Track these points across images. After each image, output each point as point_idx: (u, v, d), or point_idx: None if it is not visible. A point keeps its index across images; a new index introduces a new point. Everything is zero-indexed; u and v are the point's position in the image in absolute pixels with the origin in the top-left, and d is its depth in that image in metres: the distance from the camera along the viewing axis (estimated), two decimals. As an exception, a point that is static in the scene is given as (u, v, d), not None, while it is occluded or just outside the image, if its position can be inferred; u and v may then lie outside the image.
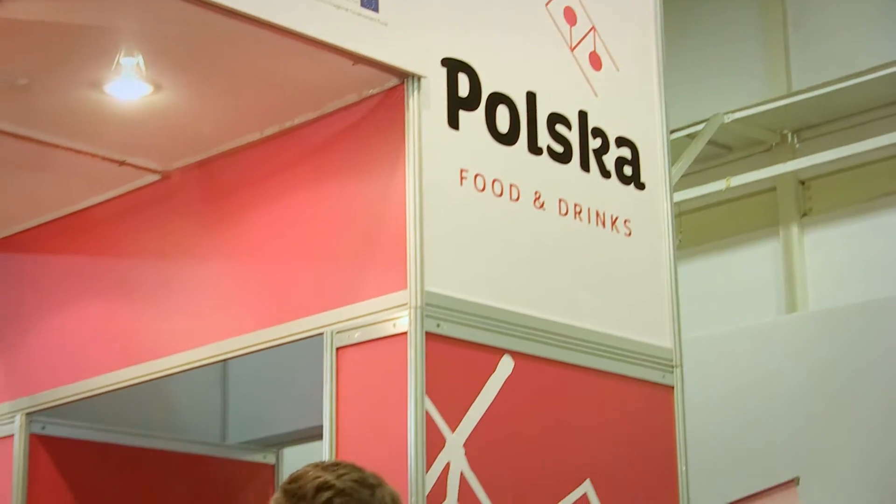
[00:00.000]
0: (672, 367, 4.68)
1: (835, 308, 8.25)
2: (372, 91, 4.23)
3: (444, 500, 3.93)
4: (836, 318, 8.14)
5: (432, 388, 3.98)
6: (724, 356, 8.67)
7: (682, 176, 9.32)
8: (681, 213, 8.05)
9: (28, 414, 5.20)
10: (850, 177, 8.83)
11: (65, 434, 5.29)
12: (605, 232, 4.62)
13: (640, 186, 4.78)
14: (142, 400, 5.27)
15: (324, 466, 2.31)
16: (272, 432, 5.79)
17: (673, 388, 4.66)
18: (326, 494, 2.20)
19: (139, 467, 5.50)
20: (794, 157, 9.59)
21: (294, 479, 2.31)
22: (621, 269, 4.68)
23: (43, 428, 5.22)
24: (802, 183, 9.80)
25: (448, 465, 3.99)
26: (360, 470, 2.31)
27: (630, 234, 4.69)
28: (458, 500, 3.98)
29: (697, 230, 9.95)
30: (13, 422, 5.20)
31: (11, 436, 5.19)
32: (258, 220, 4.61)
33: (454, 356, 4.09)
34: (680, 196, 8.26)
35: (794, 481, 4.52)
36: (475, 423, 4.09)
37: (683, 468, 4.62)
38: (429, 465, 3.93)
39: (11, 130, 4.56)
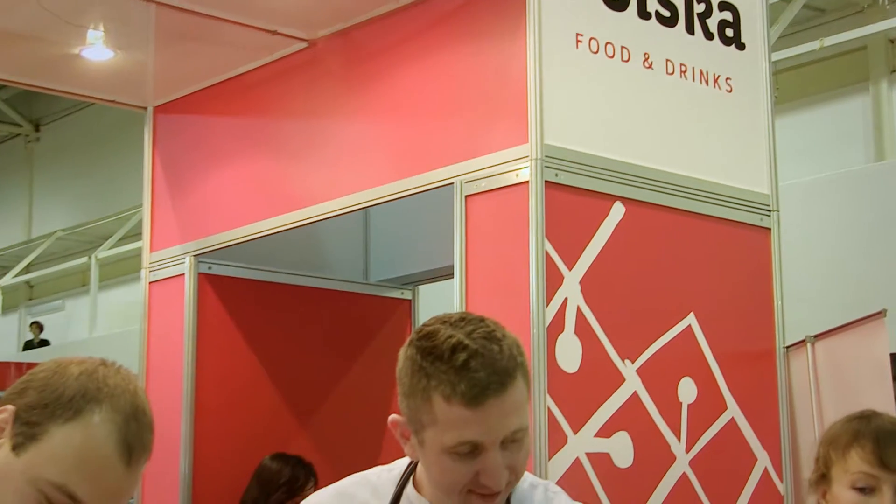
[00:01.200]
0: (769, 211, 4.63)
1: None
2: (497, -36, 4.19)
3: (562, 331, 3.95)
4: (921, 164, 8.03)
5: (551, 231, 3.99)
6: (817, 201, 8.57)
7: (779, 37, 9.19)
8: (778, 72, 7.93)
9: (196, 256, 5.30)
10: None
11: (228, 273, 5.39)
12: (709, 89, 4.56)
13: (741, 47, 4.70)
14: (295, 243, 5.33)
15: (452, 323, 2.22)
16: (409, 271, 5.84)
17: (770, 230, 4.62)
18: (462, 356, 2.14)
19: (292, 303, 5.58)
20: (884, 18, 9.42)
21: (427, 335, 2.22)
22: (723, 122, 4.61)
23: (209, 268, 5.33)
24: (892, 42, 9.65)
25: (566, 300, 4.01)
26: (485, 323, 2.24)
27: (731, 90, 4.61)
28: (575, 331, 4.01)
29: (793, 87, 9.85)
30: (184, 262, 5.31)
31: (182, 275, 5.30)
32: (395, 82, 4.62)
33: (571, 203, 4.08)
34: (777, 56, 8.12)
35: (881, 313, 4.46)
36: (590, 263, 4.10)
37: (779, 303, 4.60)
38: (549, 300, 3.96)
39: (176, 4, 4.60)
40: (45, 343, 15.27)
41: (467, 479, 2.19)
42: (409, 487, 2.38)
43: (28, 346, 15.61)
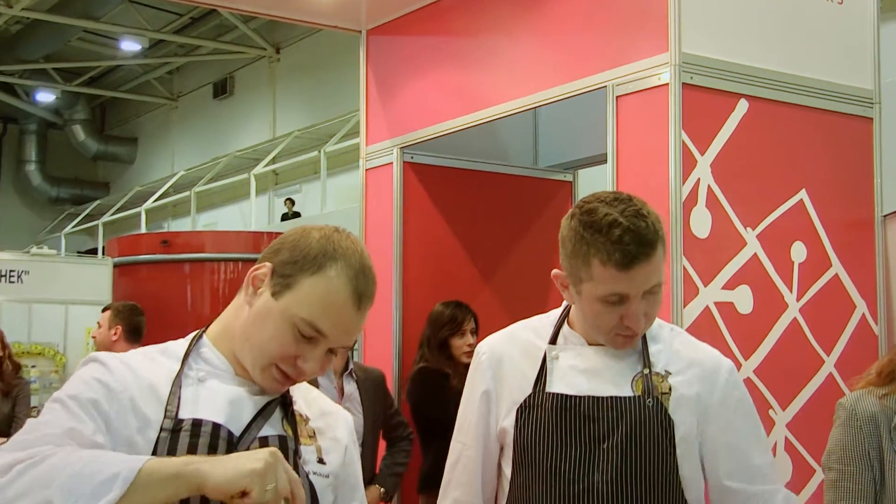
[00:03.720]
0: (872, 103, 4.46)
1: None
2: None
3: (695, 205, 3.92)
4: None
5: (687, 124, 3.93)
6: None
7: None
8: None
9: (401, 148, 5.32)
10: None
11: (426, 161, 5.41)
12: (822, 1, 4.39)
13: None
14: (478, 136, 5.30)
15: (608, 202, 2.25)
16: (570, 158, 5.79)
17: (872, 119, 4.45)
18: (617, 231, 2.20)
19: (476, 185, 5.60)
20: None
21: (588, 212, 2.26)
22: (834, 28, 4.41)
23: (412, 157, 5.35)
24: None
25: (699, 179, 3.96)
26: (633, 202, 2.27)
27: (842, 2, 4.41)
28: (706, 204, 3.97)
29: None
30: (392, 153, 5.34)
31: (391, 163, 5.34)
32: (556, 2, 4.52)
33: (703, 100, 4.00)
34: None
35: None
36: (719, 149, 4.03)
37: (878, 180, 4.45)
38: (684, 179, 3.91)
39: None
40: (297, 215, 15.62)
41: (614, 321, 2.28)
42: (566, 326, 2.44)
43: (284, 217, 16.02)
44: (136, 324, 5.78)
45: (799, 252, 4.22)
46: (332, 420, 2.07)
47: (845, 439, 2.72)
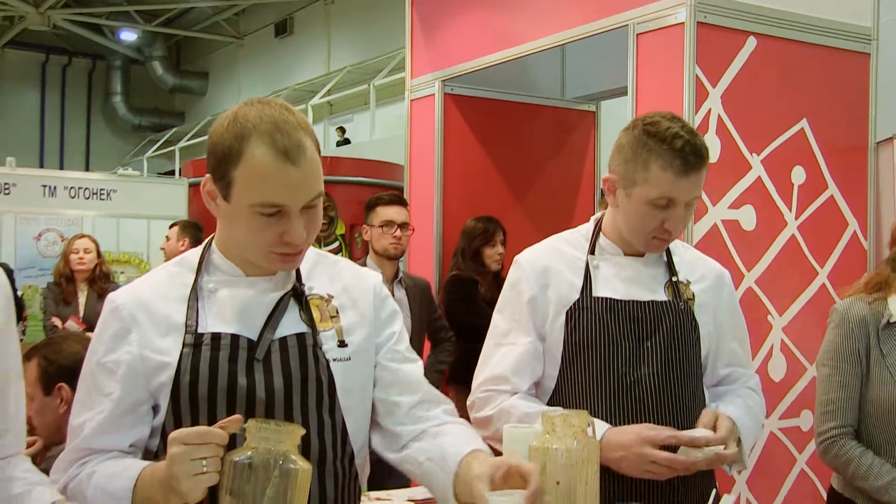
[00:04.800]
0: (870, 39, 4.34)
1: None
2: None
3: (706, 132, 3.86)
4: None
5: (700, 59, 3.86)
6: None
7: None
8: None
9: (442, 81, 5.27)
10: None
11: (464, 93, 5.35)
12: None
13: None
14: (511, 70, 5.22)
15: (669, 118, 2.28)
16: (594, 90, 5.70)
17: (870, 55, 4.34)
18: (679, 142, 2.22)
19: (509, 114, 5.54)
20: None
21: (652, 123, 2.28)
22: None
23: (451, 89, 5.30)
24: None
25: (710, 109, 3.91)
26: (685, 122, 2.31)
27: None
28: (716, 132, 3.91)
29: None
30: (433, 86, 5.29)
31: (433, 94, 5.30)
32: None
33: (715, 37, 3.92)
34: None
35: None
36: (728, 82, 3.96)
37: (873, 110, 4.37)
38: (697, 109, 3.87)
39: None
40: (347, 142, 15.57)
41: (655, 224, 2.29)
42: (602, 238, 2.44)
43: (338, 144, 15.98)
44: (199, 238, 5.87)
45: (798, 175, 4.16)
46: (356, 292, 1.96)
47: (838, 339, 2.75)
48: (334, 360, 1.85)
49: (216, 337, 1.80)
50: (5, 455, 1.79)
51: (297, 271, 1.90)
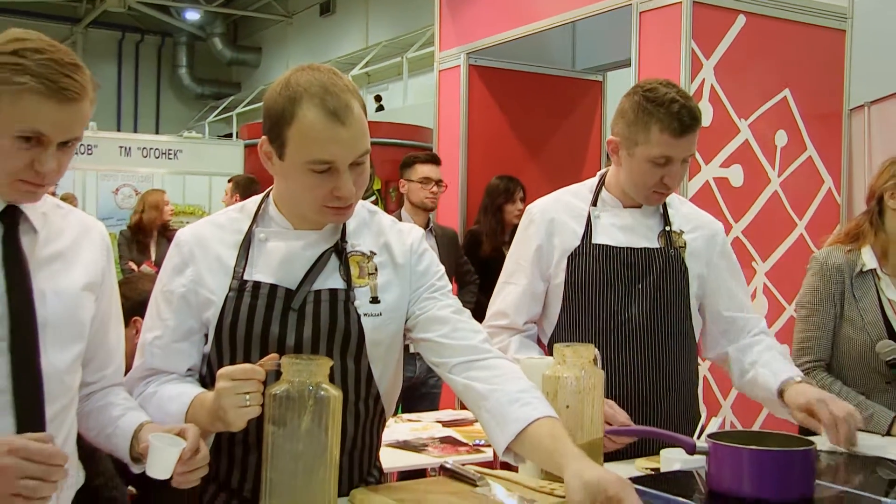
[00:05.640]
0: (846, 17, 4.25)
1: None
2: None
3: (700, 99, 3.82)
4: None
5: (696, 34, 3.82)
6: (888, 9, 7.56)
7: None
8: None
9: (467, 53, 5.21)
10: None
11: (486, 64, 5.28)
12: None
13: None
14: (526, 43, 5.13)
15: (664, 84, 2.24)
16: (601, 62, 5.61)
17: (845, 31, 4.26)
18: (676, 106, 2.19)
19: (525, 83, 5.46)
20: None
21: (650, 90, 2.23)
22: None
23: (475, 61, 5.24)
24: None
25: (703, 79, 3.87)
26: (680, 87, 2.27)
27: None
28: (709, 99, 3.88)
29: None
30: (459, 58, 5.23)
31: (458, 66, 5.23)
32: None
33: (710, 15, 3.86)
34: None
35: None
36: (721, 55, 3.91)
37: (848, 82, 4.29)
38: (692, 79, 3.82)
39: None
40: (382, 108, 15.48)
41: (655, 180, 2.26)
42: (604, 191, 2.41)
43: (375, 111, 15.89)
44: (251, 192, 5.87)
45: (781, 138, 4.11)
46: (397, 250, 1.87)
47: (818, 284, 2.72)
48: (365, 314, 1.79)
49: (257, 286, 1.76)
50: (107, 385, 1.82)
51: (344, 229, 1.84)
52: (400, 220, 2.05)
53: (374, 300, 1.81)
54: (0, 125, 1.52)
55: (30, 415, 1.61)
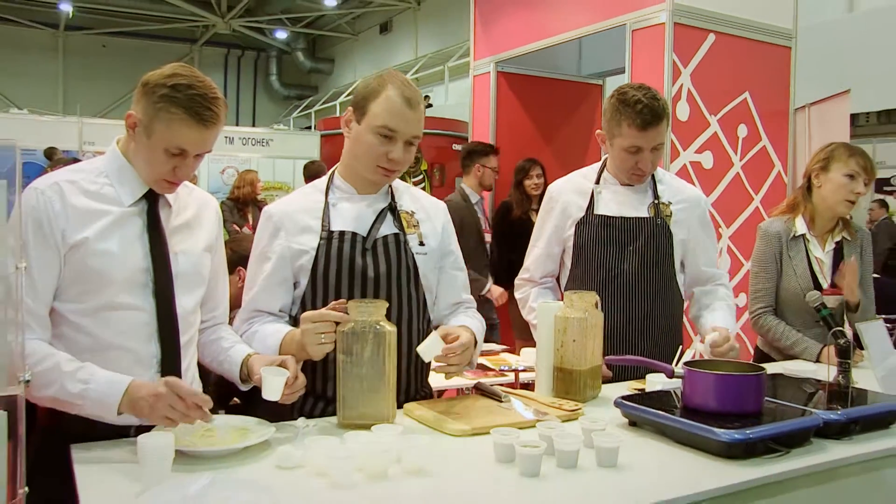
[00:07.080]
0: (791, 37, 4.14)
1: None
2: None
3: (679, 100, 3.75)
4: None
5: (676, 49, 3.74)
6: (834, 39, 7.39)
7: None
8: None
9: (496, 62, 5.14)
10: None
11: (512, 71, 5.21)
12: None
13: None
14: (544, 54, 5.06)
15: (636, 88, 2.19)
16: (601, 69, 5.52)
17: (791, 48, 4.15)
18: (640, 106, 2.14)
19: (541, 87, 5.38)
20: None
21: (623, 93, 2.20)
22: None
23: (502, 68, 5.17)
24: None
25: (682, 84, 3.79)
26: (652, 90, 2.19)
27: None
28: (686, 99, 3.78)
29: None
30: (490, 66, 5.17)
31: (489, 72, 5.17)
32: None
33: (687, 33, 3.77)
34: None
35: (847, 91, 4.01)
36: (696, 64, 3.82)
37: (793, 87, 4.18)
38: (673, 84, 3.74)
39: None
40: (430, 106, 15.40)
41: (632, 164, 2.24)
42: (605, 172, 2.39)
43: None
44: (315, 175, 5.88)
45: (742, 131, 4.04)
46: (431, 210, 1.97)
47: (763, 247, 2.74)
48: (416, 253, 1.88)
49: (342, 234, 1.84)
50: (217, 323, 1.88)
51: (392, 194, 1.92)
52: (464, 192, 2.08)
53: (421, 244, 1.90)
54: (154, 141, 1.60)
55: (168, 342, 1.66)
